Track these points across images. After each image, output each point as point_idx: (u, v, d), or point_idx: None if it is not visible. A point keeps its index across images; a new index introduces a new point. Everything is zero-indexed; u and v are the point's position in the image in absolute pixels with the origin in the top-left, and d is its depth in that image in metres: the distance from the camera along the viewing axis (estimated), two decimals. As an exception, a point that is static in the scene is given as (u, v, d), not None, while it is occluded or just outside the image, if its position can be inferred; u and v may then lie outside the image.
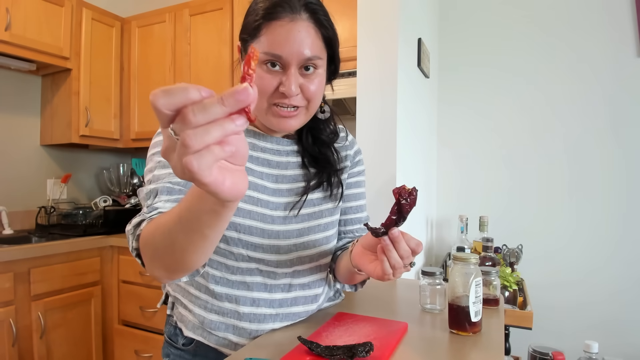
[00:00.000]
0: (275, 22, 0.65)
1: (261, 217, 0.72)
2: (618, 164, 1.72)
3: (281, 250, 0.74)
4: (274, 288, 0.74)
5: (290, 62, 0.65)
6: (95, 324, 2.05)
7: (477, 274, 0.73)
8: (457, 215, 1.73)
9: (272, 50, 0.65)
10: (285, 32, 0.64)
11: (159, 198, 0.63)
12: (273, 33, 0.65)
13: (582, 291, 1.76)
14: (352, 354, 0.59)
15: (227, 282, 0.73)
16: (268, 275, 0.74)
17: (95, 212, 2.28)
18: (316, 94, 0.70)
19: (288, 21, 0.65)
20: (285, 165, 0.77)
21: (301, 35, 0.65)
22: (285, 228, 0.74)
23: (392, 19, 1.23)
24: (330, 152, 0.80)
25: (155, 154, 0.71)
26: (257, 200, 0.72)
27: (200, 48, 2.27)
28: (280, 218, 0.74)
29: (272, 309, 0.74)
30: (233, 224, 0.71)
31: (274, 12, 0.65)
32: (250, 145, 0.75)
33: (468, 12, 2.01)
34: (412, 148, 1.47)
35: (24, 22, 1.96)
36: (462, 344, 0.70)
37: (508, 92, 1.93)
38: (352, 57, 1.82)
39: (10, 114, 2.24)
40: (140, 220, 0.60)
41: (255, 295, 0.73)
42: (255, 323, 0.73)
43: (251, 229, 0.71)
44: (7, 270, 1.67)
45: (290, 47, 0.64)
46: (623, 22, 1.71)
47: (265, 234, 0.72)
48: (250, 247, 0.72)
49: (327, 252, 0.79)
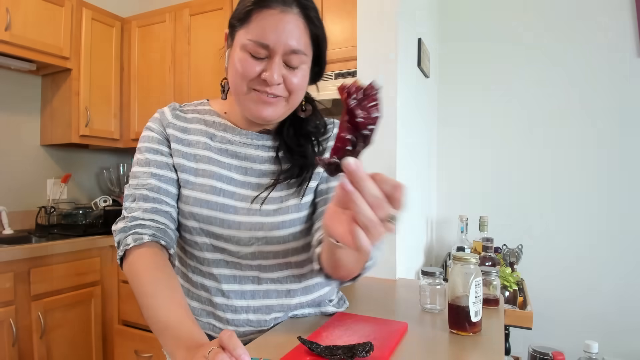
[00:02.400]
0: (266, 10, 0.66)
1: (221, 207, 0.73)
2: (619, 164, 1.72)
3: (241, 242, 0.73)
4: (243, 280, 0.75)
5: (276, 51, 0.66)
6: (95, 324, 2.05)
7: (477, 274, 0.73)
8: (457, 215, 1.73)
9: (260, 39, 0.66)
10: (275, 21, 0.65)
11: (137, 204, 0.71)
12: (263, 20, 0.66)
13: (582, 291, 1.76)
14: (352, 354, 0.59)
15: (200, 272, 0.77)
16: (234, 267, 0.75)
17: (95, 212, 2.28)
18: (298, 87, 0.70)
19: (279, 11, 0.66)
20: (254, 159, 0.77)
21: (290, 27, 0.66)
22: (248, 220, 0.73)
23: (392, 18, 1.23)
24: (310, 145, 0.78)
25: (137, 148, 0.78)
26: (219, 191, 0.73)
27: (200, 48, 2.27)
28: (244, 209, 0.73)
29: (243, 300, 0.75)
30: (191, 214, 0.73)
31: (265, 0, 0.66)
32: (220, 138, 0.77)
33: (468, 12, 2.01)
34: (412, 148, 1.47)
35: (24, 22, 1.96)
36: (462, 344, 0.70)
37: (508, 92, 1.93)
38: (352, 57, 1.82)
39: (10, 114, 2.24)
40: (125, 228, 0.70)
41: (224, 287, 0.75)
42: (230, 313, 0.75)
43: (210, 219, 0.72)
44: (7, 270, 1.67)
45: (278, 37, 0.65)
46: (623, 22, 1.71)
47: (225, 224, 0.73)
48: (212, 236, 0.74)
49: (298, 249, 0.76)
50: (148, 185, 0.72)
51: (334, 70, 1.89)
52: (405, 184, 0.44)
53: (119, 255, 0.69)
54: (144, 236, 0.68)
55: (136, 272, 0.66)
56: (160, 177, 0.74)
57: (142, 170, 0.74)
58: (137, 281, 0.65)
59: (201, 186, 0.73)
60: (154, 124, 0.79)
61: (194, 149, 0.76)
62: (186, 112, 0.81)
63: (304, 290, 0.79)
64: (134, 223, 0.70)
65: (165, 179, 0.74)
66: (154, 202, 0.72)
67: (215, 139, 0.77)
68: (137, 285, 0.65)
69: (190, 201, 0.73)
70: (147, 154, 0.75)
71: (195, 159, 0.75)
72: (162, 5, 2.63)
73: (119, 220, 0.73)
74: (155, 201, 0.72)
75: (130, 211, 0.71)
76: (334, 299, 0.87)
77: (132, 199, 0.72)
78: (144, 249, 0.67)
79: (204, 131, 0.78)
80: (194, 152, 0.76)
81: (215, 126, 0.79)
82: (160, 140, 0.77)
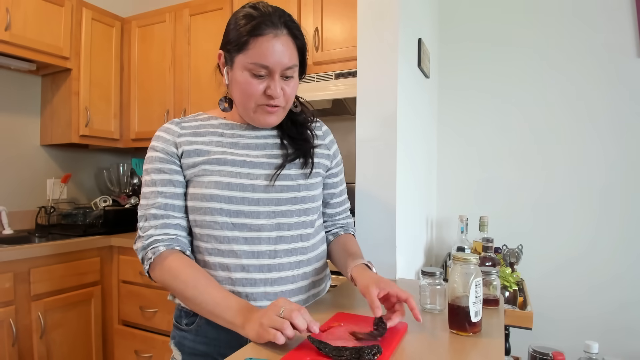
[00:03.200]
0: (261, 37, 0.78)
1: (240, 187, 0.82)
2: (618, 164, 1.72)
3: (261, 215, 0.84)
4: (261, 254, 0.83)
5: (275, 70, 0.80)
6: (95, 324, 2.05)
7: (477, 274, 0.73)
8: (457, 215, 1.73)
9: (260, 62, 0.79)
10: (271, 46, 0.78)
11: (148, 223, 0.82)
12: (261, 47, 0.78)
13: (582, 291, 1.76)
14: (359, 355, 0.59)
15: (218, 252, 0.83)
16: (253, 242, 0.83)
17: (95, 212, 2.28)
18: (292, 95, 0.86)
19: (272, 37, 0.78)
20: (263, 146, 0.89)
21: (283, 48, 0.79)
22: (266, 196, 0.84)
23: (392, 19, 1.23)
24: (308, 132, 0.94)
25: (144, 170, 0.87)
26: (236, 174, 0.83)
27: (200, 48, 2.27)
28: (262, 187, 0.84)
29: (261, 274, 0.83)
30: (212, 196, 0.81)
31: (260, 28, 0.78)
32: (230, 134, 0.88)
33: (468, 12, 2.01)
34: (412, 148, 1.47)
35: (24, 22, 1.96)
36: (462, 344, 0.70)
37: (508, 92, 1.93)
38: (352, 57, 1.83)
39: (10, 114, 2.24)
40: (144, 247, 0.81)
41: (244, 262, 0.82)
42: (249, 287, 0.82)
43: (231, 199, 0.82)
44: (7, 270, 1.67)
45: (275, 58, 0.79)
46: (623, 22, 1.71)
47: (246, 202, 0.82)
48: (232, 214, 0.82)
49: (307, 223, 0.89)
50: (156, 205, 0.82)
51: (334, 70, 1.89)
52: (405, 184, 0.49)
53: (146, 269, 0.81)
54: (160, 247, 0.79)
55: (170, 275, 0.78)
56: (165, 194, 0.83)
57: (150, 191, 0.84)
58: (173, 282, 0.77)
59: (219, 172, 0.83)
60: (157, 142, 0.87)
61: (208, 147, 0.86)
62: (189, 122, 0.90)
63: (307, 262, 0.89)
64: (150, 240, 0.80)
65: (170, 194, 0.83)
66: (162, 218, 0.82)
67: (226, 136, 0.88)
68: (175, 284, 0.77)
69: (212, 185, 0.82)
70: (153, 175, 0.84)
71: (209, 154, 0.85)
72: (162, 5, 2.63)
73: (137, 240, 0.83)
74: (163, 217, 0.82)
75: (145, 230, 0.82)
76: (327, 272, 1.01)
77: (145, 219, 0.83)
78: (164, 257, 0.79)
79: (213, 132, 0.88)
80: (208, 149, 0.85)
81: (222, 127, 0.90)
82: (162, 158, 0.85)
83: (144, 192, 0.85)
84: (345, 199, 1.06)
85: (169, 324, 1.92)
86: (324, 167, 0.96)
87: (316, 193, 0.91)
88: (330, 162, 0.98)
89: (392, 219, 1.21)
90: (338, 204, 1.03)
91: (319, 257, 0.93)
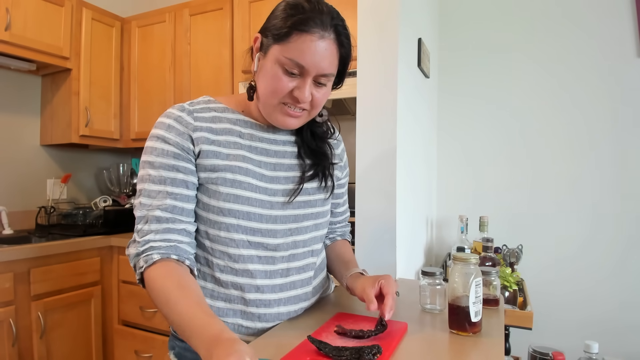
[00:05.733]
0: (306, 34, 0.70)
1: (260, 203, 0.77)
2: (618, 164, 1.72)
3: (278, 234, 0.79)
4: (274, 274, 0.79)
5: (310, 72, 0.72)
6: (95, 324, 2.05)
7: (477, 274, 0.73)
8: (457, 215, 1.73)
9: (297, 59, 0.70)
10: (314, 47, 0.70)
11: (149, 227, 0.71)
12: (302, 44, 0.70)
13: (582, 291, 1.76)
14: (359, 355, 0.59)
15: (232, 271, 0.77)
16: (267, 262, 0.78)
17: (95, 212, 2.28)
18: (321, 102, 0.78)
19: (318, 37, 0.70)
20: (282, 155, 0.83)
21: (326, 53, 0.72)
22: (283, 213, 0.80)
23: (392, 19, 1.23)
24: (327, 146, 0.89)
25: (147, 161, 0.74)
26: (255, 187, 0.77)
27: (200, 48, 2.27)
28: (279, 204, 0.79)
29: (274, 294, 0.79)
30: (231, 212, 0.75)
31: (307, 24, 0.70)
32: (248, 135, 0.81)
33: (468, 12, 2.01)
34: (412, 148, 1.47)
35: (24, 22, 1.96)
36: (462, 344, 0.70)
37: (508, 92, 1.93)
38: (352, 57, 1.82)
39: (10, 114, 2.24)
40: (137, 253, 0.70)
41: (258, 283, 0.77)
42: (263, 308, 0.78)
43: (249, 215, 0.76)
44: (7, 270, 1.67)
45: (314, 61, 0.71)
46: (623, 22, 1.71)
47: (264, 219, 0.77)
48: (249, 232, 0.76)
49: (317, 238, 0.87)
50: (163, 206, 0.72)
51: (334, 70, 1.89)
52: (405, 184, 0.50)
53: (138, 279, 0.72)
54: (154, 256, 0.69)
55: (153, 289, 0.67)
56: (176, 195, 0.73)
57: (157, 190, 0.73)
58: (155, 295, 0.67)
59: (240, 183, 0.76)
60: (169, 134, 0.74)
61: (227, 149, 0.77)
62: (202, 112, 0.79)
63: (315, 275, 0.87)
64: (145, 247, 0.70)
65: (180, 197, 0.73)
66: (167, 222, 0.72)
67: (244, 137, 0.80)
68: (156, 298, 0.67)
69: (232, 199, 0.75)
70: (162, 172, 0.73)
71: (229, 159, 0.77)
72: (162, 5, 2.62)
73: (130, 244, 0.73)
74: (168, 221, 0.72)
75: (142, 234, 0.71)
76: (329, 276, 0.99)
77: (145, 220, 0.72)
78: (156, 268, 0.68)
79: (230, 129, 0.80)
80: (227, 152, 0.77)
81: (239, 124, 0.82)
82: (177, 154, 0.74)
83: (146, 189, 0.73)
84: (347, 207, 1.05)
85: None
86: (337, 179, 0.93)
87: (329, 207, 0.90)
88: (342, 172, 0.96)
89: (392, 219, 1.21)
90: (340, 213, 1.02)
91: (322, 267, 0.92)
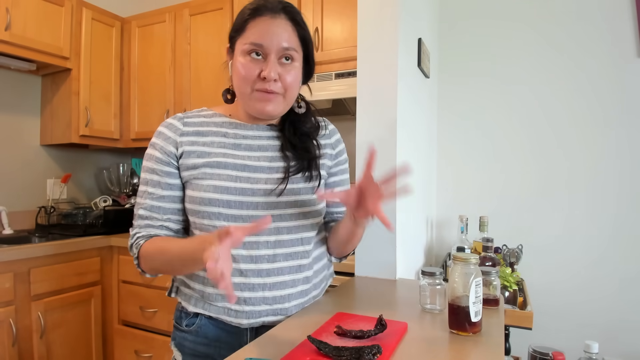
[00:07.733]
0: (258, 18, 0.79)
1: (240, 192, 0.81)
2: (618, 164, 1.72)
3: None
4: (259, 259, 0.81)
5: (270, 50, 0.79)
6: (95, 324, 2.05)
7: (477, 274, 0.73)
8: (457, 215, 1.73)
9: (255, 40, 0.78)
10: (267, 26, 0.78)
11: (137, 222, 0.84)
12: (256, 27, 0.79)
13: (582, 291, 1.75)
14: (359, 355, 0.59)
15: None
16: (250, 247, 0.81)
17: (95, 212, 2.28)
18: (292, 84, 0.82)
19: (269, 17, 0.79)
20: (265, 148, 0.87)
21: (280, 30, 0.79)
22: (265, 200, 0.82)
23: (392, 19, 1.23)
24: (311, 142, 0.90)
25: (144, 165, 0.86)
26: (236, 178, 0.82)
27: (200, 48, 2.27)
28: (261, 191, 0.82)
29: (260, 278, 0.81)
30: (211, 200, 0.80)
31: (258, 11, 0.79)
32: (233, 134, 0.86)
33: (468, 12, 2.01)
34: (412, 148, 1.47)
35: (24, 22, 1.96)
36: (462, 344, 0.70)
37: (508, 92, 1.93)
38: (352, 57, 1.82)
39: (10, 114, 2.24)
40: (130, 245, 0.83)
41: (242, 267, 0.80)
42: (247, 291, 0.80)
43: (229, 203, 0.80)
44: (7, 270, 1.67)
45: (271, 38, 0.78)
46: (623, 22, 1.71)
47: (244, 206, 0.81)
48: (230, 218, 0.80)
49: (307, 226, 0.87)
50: (144, 205, 0.84)
51: (334, 70, 1.89)
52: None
53: (137, 266, 0.84)
54: (140, 242, 0.81)
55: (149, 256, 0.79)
56: (153, 195, 0.83)
57: (142, 190, 0.85)
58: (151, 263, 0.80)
59: (219, 175, 0.81)
60: (157, 139, 0.85)
61: (210, 148, 0.84)
62: (193, 117, 0.88)
63: (309, 265, 0.88)
64: (133, 240, 0.83)
65: (156, 196, 0.83)
66: (147, 219, 0.83)
67: (229, 136, 0.86)
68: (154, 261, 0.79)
69: (211, 189, 0.80)
70: (146, 174, 0.85)
71: (210, 156, 0.83)
72: (162, 5, 2.63)
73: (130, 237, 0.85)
74: (148, 218, 0.83)
75: (132, 230, 0.85)
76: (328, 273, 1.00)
77: (135, 217, 0.85)
78: (144, 246, 0.80)
79: (216, 131, 0.86)
80: (210, 151, 0.84)
81: (226, 125, 0.88)
82: (158, 158, 0.84)
83: (139, 189, 0.87)
84: None
85: (169, 324, 1.92)
86: (327, 168, 0.94)
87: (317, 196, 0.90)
88: (332, 161, 0.96)
89: (392, 219, 1.21)
90: (337, 204, 1.00)
91: (320, 258, 0.93)
